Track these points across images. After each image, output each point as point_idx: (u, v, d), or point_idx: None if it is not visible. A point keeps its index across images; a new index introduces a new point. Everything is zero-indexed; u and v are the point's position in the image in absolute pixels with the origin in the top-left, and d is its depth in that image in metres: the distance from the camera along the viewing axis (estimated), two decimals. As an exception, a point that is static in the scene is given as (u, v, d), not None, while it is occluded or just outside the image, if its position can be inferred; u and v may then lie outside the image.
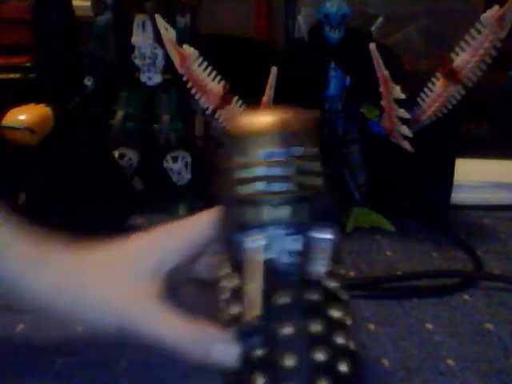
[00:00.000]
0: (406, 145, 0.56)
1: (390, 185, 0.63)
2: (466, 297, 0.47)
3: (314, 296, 0.31)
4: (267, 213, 0.30)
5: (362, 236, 0.60)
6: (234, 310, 0.32)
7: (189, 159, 0.66)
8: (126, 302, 0.34)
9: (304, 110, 0.33)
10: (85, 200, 0.57)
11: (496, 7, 0.49)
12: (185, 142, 0.66)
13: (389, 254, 0.56)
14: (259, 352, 0.30)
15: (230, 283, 0.32)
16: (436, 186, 0.64)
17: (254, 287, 0.30)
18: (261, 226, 0.30)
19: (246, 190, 0.31)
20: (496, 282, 0.49)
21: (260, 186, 0.31)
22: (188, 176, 0.67)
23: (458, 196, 0.67)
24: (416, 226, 0.63)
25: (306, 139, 0.31)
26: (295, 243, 0.30)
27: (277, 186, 0.30)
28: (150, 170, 0.67)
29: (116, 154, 0.66)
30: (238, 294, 0.32)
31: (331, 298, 0.32)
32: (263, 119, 0.32)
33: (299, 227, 0.30)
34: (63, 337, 0.40)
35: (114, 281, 0.34)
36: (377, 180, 0.63)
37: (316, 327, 0.30)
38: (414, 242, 0.59)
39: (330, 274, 0.31)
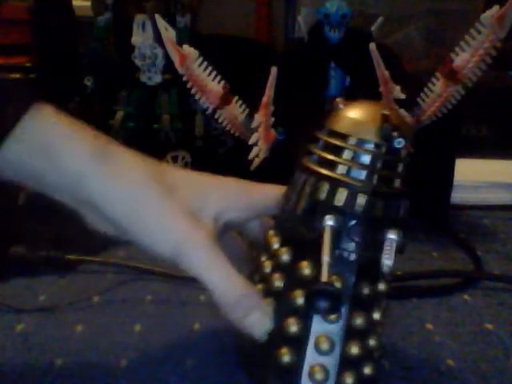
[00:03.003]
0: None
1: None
2: (466, 297, 0.47)
3: (365, 290, 0.31)
4: (343, 197, 0.31)
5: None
6: (278, 283, 0.33)
7: (189, 159, 0.66)
8: (187, 231, 0.33)
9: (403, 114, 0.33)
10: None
11: (496, 7, 0.49)
12: (185, 142, 0.66)
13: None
14: (294, 328, 0.31)
15: (279, 256, 0.33)
16: (436, 186, 0.64)
17: (324, 260, 0.30)
18: (334, 208, 0.31)
19: (327, 169, 0.31)
20: (496, 282, 0.49)
21: (342, 169, 0.31)
22: (188, 176, 0.67)
23: (458, 196, 0.67)
24: (416, 226, 0.63)
25: (399, 139, 0.31)
26: (361, 234, 0.31)
27: (357, 174, 0.31)
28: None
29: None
30: (284, 269, 0.33)
31: (378, 299, 0.32)
32: (364, 109, 0.32)
33: (369, 220, 0.31)
34: (63, 337, 0.40)
35: (179, 206, 0.33)
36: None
37: (360, 321, 0.31)
38: (414, 242, 0.59)
39: (382, 277, 0.32)
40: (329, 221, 0.30)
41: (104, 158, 0.32)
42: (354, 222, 0.31)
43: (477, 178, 0.73)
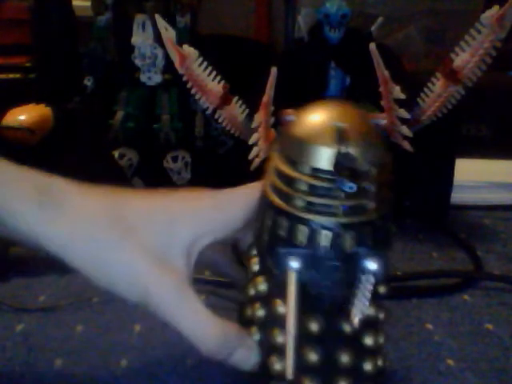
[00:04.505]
0: (406, 145, 0.56)
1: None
2: (466, 297, 0.47)
3: (346, 327, 0.29)
4: (303, 236, 0.27)
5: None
6: (259, 312, 0.31)
7: (189, 159, 0.66)
8: (155, 275, 0.30)
9: (366, 117, 0.29)
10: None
11: (496, 7, 0.49)
12: (185, 142, 0.66)
13: (389, 253, 0.56)
14: (277, 366, 0.29)
15: (257, 285, 0.31)
16: (436, 186, 0.64)
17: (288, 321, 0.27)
18: (300, 246, 0.28)
19: (284, 201, 0.28)
20: (496, 282, 0.49)
21: (300, 202, 0.27)
22: (188, 176, 0.67)
23: (458, 196, 0.67)
24: (416, 226, 0.63)
25: (362, 155, 0.27)
26: (334, 271, 0.28)
27: (323, 207, 0.27)
28: (150, 170, 0.67)
29: (116, 154, 0.66)
30: (263, 299, 0.31)
31: (366, 326, 0.29)
32: (316, 123, 0.28)
33: (341, 254, 0.28)
34: (63, 337, 0.40)
35: (141, 249, 0.30)
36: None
37: (345, 358, 0.29)
38: (414, 241, 0.59)
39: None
40: (288, 262, 0.27)
41: (53, 208, 0.30)
42: (323, 257, 0.27)
43: (477, 177, 0.73)
